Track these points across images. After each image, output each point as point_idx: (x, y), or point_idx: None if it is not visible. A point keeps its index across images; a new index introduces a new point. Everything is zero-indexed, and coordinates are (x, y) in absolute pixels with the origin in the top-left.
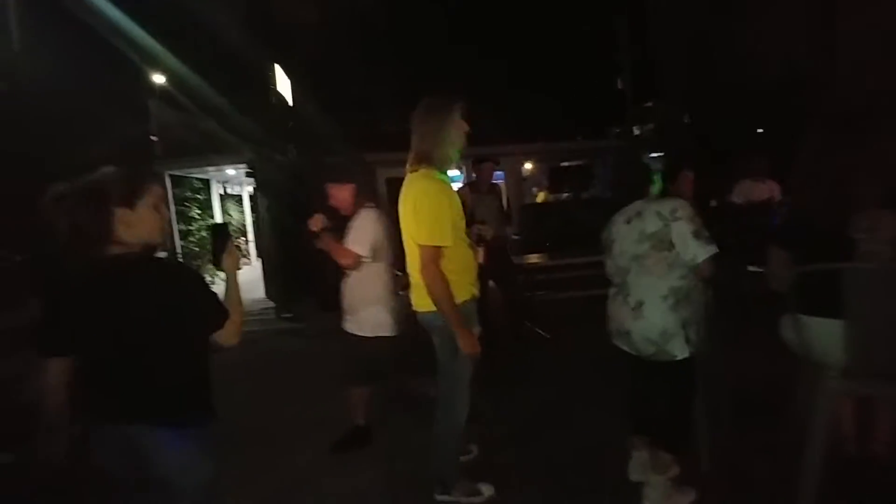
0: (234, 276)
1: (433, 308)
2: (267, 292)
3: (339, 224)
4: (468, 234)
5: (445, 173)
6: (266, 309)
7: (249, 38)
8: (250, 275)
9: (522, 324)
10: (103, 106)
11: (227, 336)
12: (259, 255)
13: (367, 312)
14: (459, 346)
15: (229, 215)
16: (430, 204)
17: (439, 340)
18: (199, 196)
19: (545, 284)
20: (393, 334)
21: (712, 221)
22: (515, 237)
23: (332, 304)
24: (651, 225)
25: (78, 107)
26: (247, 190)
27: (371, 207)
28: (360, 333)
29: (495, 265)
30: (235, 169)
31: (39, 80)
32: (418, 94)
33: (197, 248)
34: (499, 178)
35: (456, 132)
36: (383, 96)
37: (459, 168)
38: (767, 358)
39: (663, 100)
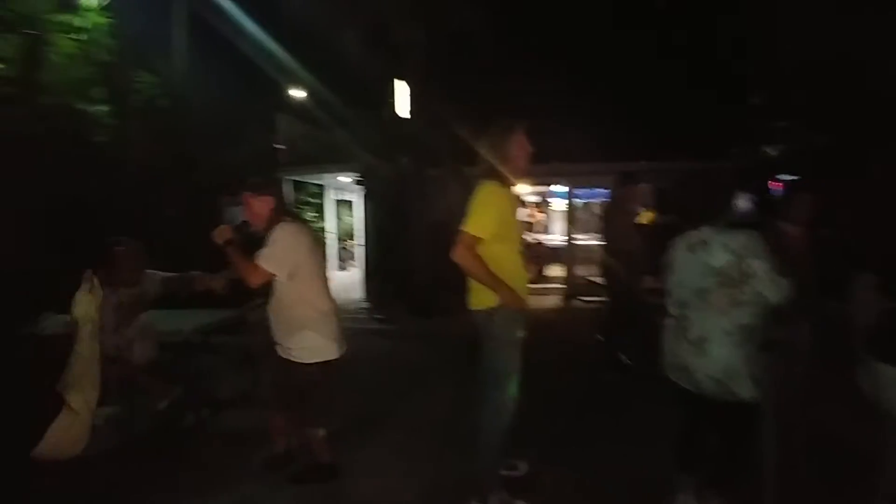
0: None
1: (480, 307)
2: (365, 293)
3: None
4: (526, 250)
5: (510, 187)
6: (362, 309)
7: (370, 52)
8: (354, 276)
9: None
10: (241, 119)
11: None
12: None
13: (294, 340)
14: (502, 299)
15: (341, 220)
16: (478, 199)
17: (486, 341)
18: (314, 200)
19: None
20: (332, 357)
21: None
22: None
23: (421, 309)
24: (717, 258)
25: (222, 119)
26: (357, 197)
27: (289, 222)
28: (294, 360)
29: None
30: (348, 177)
31: (195, 97)
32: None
33: None
34: (605, 195)
35: (519, 152)
36: (497, 108)
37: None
38: (858, 407)
39: (798, 118)
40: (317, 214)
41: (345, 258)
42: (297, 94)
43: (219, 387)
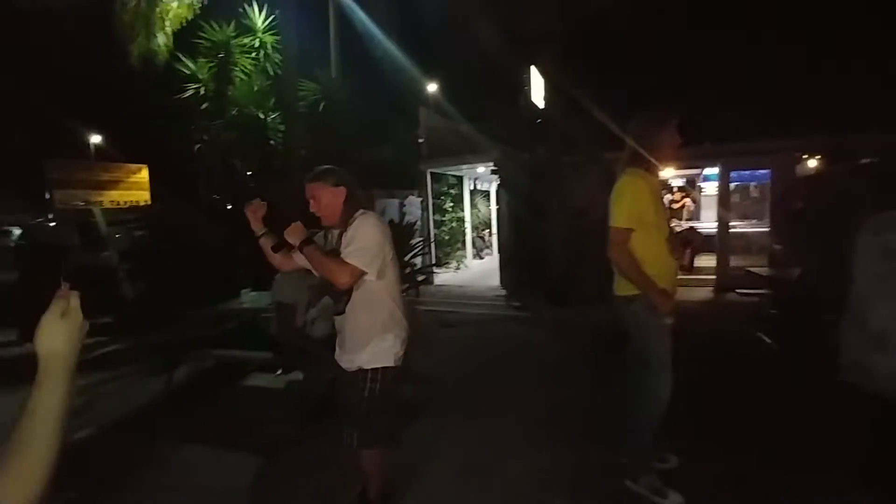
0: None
1: (626, 293)
2: (501, 281)
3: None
4: (675, 237)
5: (653, 175)
6: (498, 296)
7: (506, 42)
8: (490, 264)
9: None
10: (389, 116)
11: None
12: (499, 246)
13: (371, 344)
14: (657, 305)
15: (477, 209)
16: (620, 190)
17: (632, 326)
18: (452, 191)
19: None
20: (398, 364)
21: None
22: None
23: (557, 297)
24: None
25: (373, 117)
26: (493, 186)
27: (368, 213)
28: (360, 367)
29: None
30: (485, 167)
31: (349, 99)
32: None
33: (447, 237)
34: (764, 177)
35: (669, 143)
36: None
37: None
38: None
39: None
40: (454, 204)
41: (480, 247)
42: (436, 87)
43: None
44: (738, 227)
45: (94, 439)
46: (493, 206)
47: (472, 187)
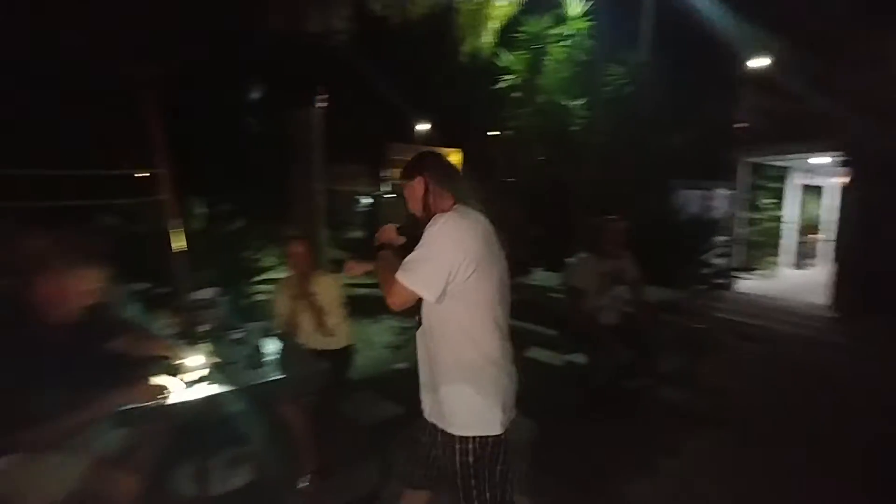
0: None
1: None
2: (833, 299)
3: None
4: None
5: None
6: (824, 317)
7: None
8: (813, 276)
9: None
10: (697, 97)
11: None
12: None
13: (444, 397)
14: None
15: (804, 208)
16: None
17: None
18: (772, 185)
19: None
20: (494, 433)
21: None
22: None
23: None
24: None
25: (679, 99)
26: (831, 181)
27: (454, 211)
28: (445, 429)
29: None
30: (822, 157)
31: (656, 82)
32: None
33: (759, 239)
34: None
35: None
36: None
37: None
38: None
39: None
40: (774, 201)
41: (804, 254)
42: (760, 62)
43: (660, 361)
44: None
45: None
46: (827, 205)
47: (800, 181)
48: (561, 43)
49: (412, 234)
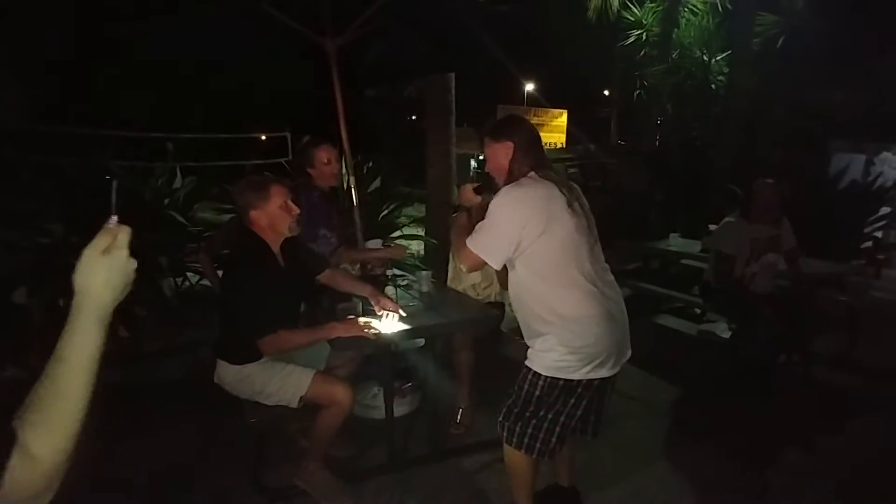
0: None
1: None
2: None
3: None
4: None
5: None
6: None
7: None
8: None
9: None
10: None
11: None
12: None
13: (533, 340)
14: None
15: None
16: None
17: None
18: None
19: None
20: (573, 377)
21: None
22: None
23: None
24: None
25: (845, 51)
26: None
27: (526, 180)
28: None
29: None
30: None
31: (816, 28)
32: None
33: None
34: None
35: None
36: None
37: None
38: None
39: None
40: None
41: None
42: None
43: (814, 340)
44: None
45: None
46: None
47: None
48: None
49: (489, 193)
